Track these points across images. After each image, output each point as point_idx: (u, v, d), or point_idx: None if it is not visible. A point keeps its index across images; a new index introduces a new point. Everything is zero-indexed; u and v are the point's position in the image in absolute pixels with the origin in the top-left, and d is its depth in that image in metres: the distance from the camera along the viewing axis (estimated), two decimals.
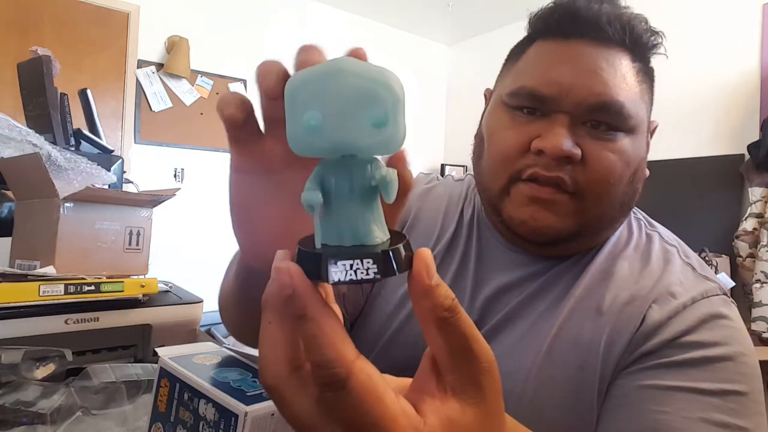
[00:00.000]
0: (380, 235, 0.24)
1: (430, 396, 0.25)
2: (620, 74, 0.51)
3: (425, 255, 0.24)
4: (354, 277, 0.22)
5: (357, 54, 0.24)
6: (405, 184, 0.27)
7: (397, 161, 0.27)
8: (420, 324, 0.25)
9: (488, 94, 0.63)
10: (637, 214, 0.63)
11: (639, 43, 0.53)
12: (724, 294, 0.53)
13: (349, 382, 0.22)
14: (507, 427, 0.28)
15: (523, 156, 0.52)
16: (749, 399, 0.46)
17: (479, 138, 0.59)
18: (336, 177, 0.24)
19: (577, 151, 0.50)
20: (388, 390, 0.23)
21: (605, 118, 0.50)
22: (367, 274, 0.22)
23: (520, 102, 0.53)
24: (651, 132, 0.58)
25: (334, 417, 0.23)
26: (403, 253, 0.24)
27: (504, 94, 0.55)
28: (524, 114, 0.53)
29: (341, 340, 0.23)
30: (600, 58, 0.51)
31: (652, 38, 0.54)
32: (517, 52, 0.58)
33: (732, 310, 0.52)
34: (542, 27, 0.55)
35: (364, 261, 0.22)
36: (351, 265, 0.22)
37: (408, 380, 0.28)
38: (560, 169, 0.50)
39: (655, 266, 0.55)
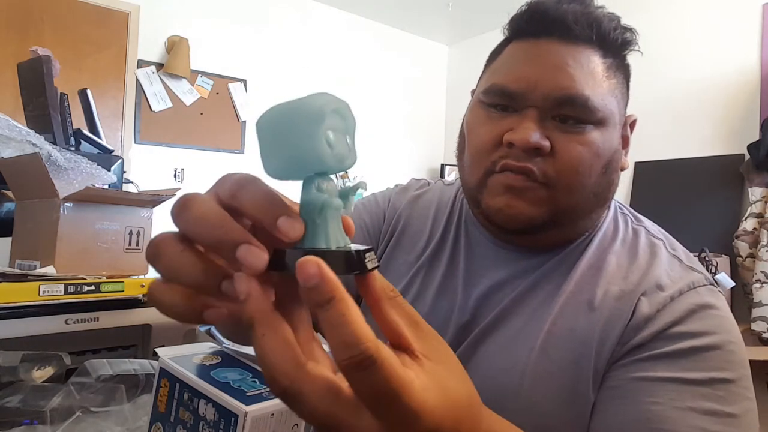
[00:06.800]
0: (346, 239, 0.28)
1: (410, 367, 0.27)
2: (587, 70, 0.53)
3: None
4: (375, 265, 0.27)
5: None
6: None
7: None
8: (376, 312, 0.28)
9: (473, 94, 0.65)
10: (623, 210, 0.64)
11: (607, 39, 0.55)
12: (711, 284, 0.55)
13: (380, 354, 0.23)
14: (482, 407, 0.32)
15: (496, 149, 0.55)
16: (737, 385, 0.48)
17: (461, 135, 0.62)
18: (328, 190, 0.27)
19: (546, 143, 0.52)
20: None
21: (571, 112, 0.52)
22: (376, 263, 0.27)
23: (493, 99, 0.56)
24: (630, 126, 0.60)
25: (361, 395, 0.24)
26: None
27: (480, 93, 0.58)
28: (498, 111, 0.56)
29: (363, 319, 0.24)
30: (567, 55, 0.53)
31: (624, 35, 0.56)
32: (495, 53, 0.61)
33: (719, 299, 0.53)
34: (516, 28, 0.58)
35: (370, 253, 0.27)
36: (371, 257, 0.27)
37: None
38: (529, 160, 0.52)
39: (642, 260, 0.56)
